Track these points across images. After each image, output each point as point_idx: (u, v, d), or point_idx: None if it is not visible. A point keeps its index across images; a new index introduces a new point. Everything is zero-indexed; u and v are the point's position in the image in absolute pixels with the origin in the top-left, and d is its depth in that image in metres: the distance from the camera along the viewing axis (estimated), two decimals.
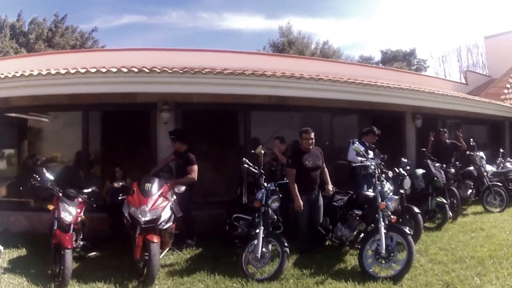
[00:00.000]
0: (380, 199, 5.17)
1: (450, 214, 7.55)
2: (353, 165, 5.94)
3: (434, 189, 7.32)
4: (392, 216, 5.17)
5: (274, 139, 6.91)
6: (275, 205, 5.28)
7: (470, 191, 8.73)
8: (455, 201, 7.64)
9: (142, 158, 7.44)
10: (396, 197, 5.33)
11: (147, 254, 4.51)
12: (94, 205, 5.72)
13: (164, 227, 4.85)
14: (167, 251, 5.51)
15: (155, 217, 4.73)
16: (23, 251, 5.82)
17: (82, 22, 45.90)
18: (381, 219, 4.97)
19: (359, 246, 5.15)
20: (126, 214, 4.91)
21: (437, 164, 7.75)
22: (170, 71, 6.62)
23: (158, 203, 4.91)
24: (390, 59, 30.97)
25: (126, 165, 7.08)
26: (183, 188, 5.41)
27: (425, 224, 6.98)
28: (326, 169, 5.98)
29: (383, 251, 4.71)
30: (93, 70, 6.55)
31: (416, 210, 6.11)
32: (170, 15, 44.70)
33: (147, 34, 43.18)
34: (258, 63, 9.43)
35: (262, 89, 7.20)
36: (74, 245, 4.98)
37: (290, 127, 8.43)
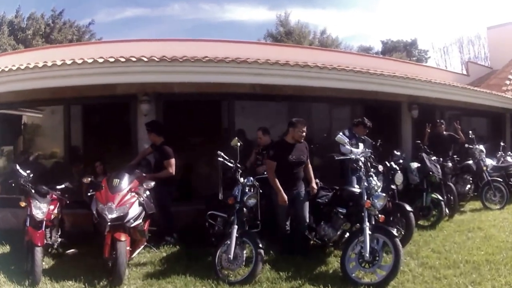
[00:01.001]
0: (366, 197, 4.68)
1: (447, 211, 7.06)
2: (336, 158, 5.38)
3: (430, 185, 6.80)
4: (379, 216, 4.67)
5: (257, 130, 6.42)
6: (252, 202, 4.85)
7: (468, 186, 8.19)
8: (452, 197, 7.13)
9: (124, 152, 7.11)
10: (384, 194, 4.83)
11: (115, 252, 4.28)
12: (67, 202, 5.53)
13: (133, 225, 4.59)
14: (144, 249, 5.29)
15: (122, 214, 4.48)
16: (6, 248, 5.68)
17: (84, 15, 46.04)
18: (366, 219, 4.48)
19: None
20: (94, 211, 4.68)
21: (433, 158, 7.23)
22: (146, 60, 6.25)
23: (126, 200, 4.63)
24: (391, 50, 30.23)
25: (108, 160, 6.86)
26: (152, 183, 5.13)
27: (419, 222, 6.57)
28: (310, 166, 5.47)
29: (367, 255, 4.21)
30: (69, 62, 6.26)
31: (408, 208, 5.59)
32: (172, 7, 44.50)
33: (150, 27, 42.72)
34: (253, 53, 8.73)
35: (243, 77, 6.78)
36: (50, 242, 4.93)
37: (277, 117, 8.03)
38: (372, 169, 5.31)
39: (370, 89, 7.50)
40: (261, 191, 5.08)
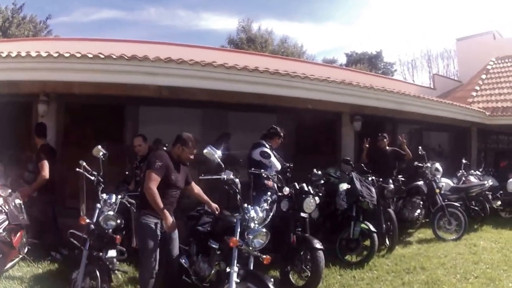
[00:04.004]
0: (238, 231, 3.55)
1: (387, 243, 5.78)
2: (200, 178, 4.08)
3: (361, 211, 5.50)
4: (263, 256, 3.52)
5: (135, 137, 5.48)
6: (110, 224, 4.03)
7: (418, 211, 6.90)
8: (391, 226, 5.81)
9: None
10: (264, 230, 3.58)
11: None
12: None
13: None
14: (24, 262, 4.88)
15: None
16: None
17: (61, 14, 45.83)
18: (235, 261, 3.39)
19: None
20: None
21: (371, 178, 5.97)
22: (33, 56, 5.66)
23: None
24: (355, 62, 29.29)
25: (12, 161, 6.17)
26: (8, 191, 4.69)
27: (345, 258, 5.29)
28: (197, 187, 4.27)
29: None
30: None
31: (317, 245, 4.28)
32: (148, 11, 44.18)
33: (125, 30, 42.64)
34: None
35: (138, 76, 5.74)
36: None
37: (188, 125, 6.80)
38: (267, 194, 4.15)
39: (295, 95, 6.27)
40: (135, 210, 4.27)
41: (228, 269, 3.54)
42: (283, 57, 17.84)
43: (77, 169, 4.38)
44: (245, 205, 3.75)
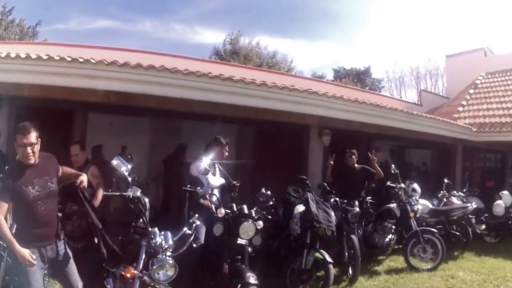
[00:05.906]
0: (141, 260, 2.97)
1: (350, 273, 5.09)
2: (108, 192, 3.41)
3: (318, 238, 4.81)
4: None
5: (71, 145, 4.91)
6: None
7: (390, 236, 6.21)
8: (354, 254, 5.12)
9: None
10: (171, 261, 2.92)
11: None
12: None
13: None
14: None
15: None
16: None
17: (57, 21, 45.29)
18: None
19: None
20: None
21: (333, 200, 5.34)
22: None
23: None
24: (343, 78, 28.84)
25: None
26: None
27: None
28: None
29: None
30: None
31: (251, 279, 3.59)
32: (143, 24, 44.14)
33: (119, 40, 41.87)
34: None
35: (79, 79, 5.20)
36: None
37: (137, 133, 6.32)
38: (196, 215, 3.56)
39: (252, 104, 5.66)
40: None
41: None
42: (266, 69, 17.26)
43: None
44: (154, 229, 3.10)
